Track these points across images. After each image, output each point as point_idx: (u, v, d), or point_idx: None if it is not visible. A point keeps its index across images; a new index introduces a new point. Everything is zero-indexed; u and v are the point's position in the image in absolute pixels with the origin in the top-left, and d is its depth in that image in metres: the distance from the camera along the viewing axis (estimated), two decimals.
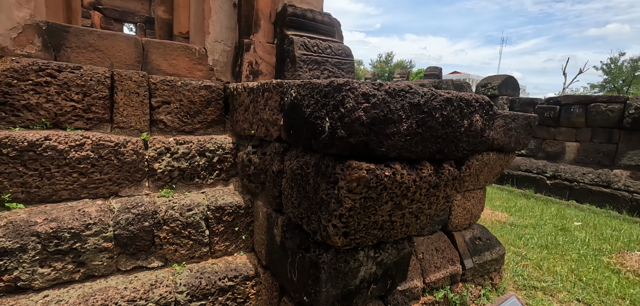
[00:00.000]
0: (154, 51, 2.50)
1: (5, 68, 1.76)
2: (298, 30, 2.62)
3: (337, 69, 2.71)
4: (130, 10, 12.50)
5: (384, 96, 1.18)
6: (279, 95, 1.72)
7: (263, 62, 2.70)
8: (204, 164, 2.27)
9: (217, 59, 2.78)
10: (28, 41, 2.06)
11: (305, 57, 2.52)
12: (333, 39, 2.82)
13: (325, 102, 1.30)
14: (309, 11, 2.66)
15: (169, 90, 2.28)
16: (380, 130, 1.20)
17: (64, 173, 1.80)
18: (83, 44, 2.23)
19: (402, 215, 1.52)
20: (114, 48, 2.34)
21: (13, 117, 1.79)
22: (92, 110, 2.01)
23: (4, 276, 1.44)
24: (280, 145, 1.79)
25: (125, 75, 2.12)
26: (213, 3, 2.69)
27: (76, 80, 1.94)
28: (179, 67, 2.61)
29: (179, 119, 2.34)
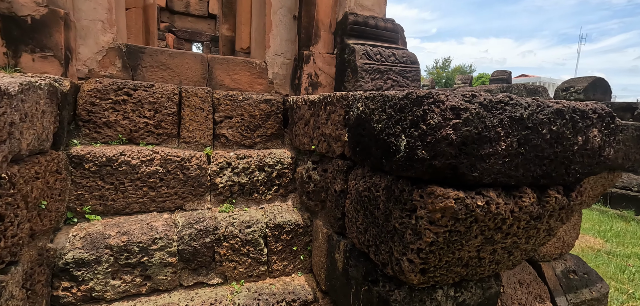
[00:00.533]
0: (217, 67, 2.57)
1: (90, 88, 1.90)
2: (360, 39, 2.48)
3: (402, 77, 2.50)
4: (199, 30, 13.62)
5: (478, 110, 0.97)
6: (343, 109, 1.58)
7: (323, 74, 2.60)
8: (263, 179, 2.22)
9: (276, 72, 2.76)
10: (110, 63, 2.24)
11: (368, 67, 2.36)
12: (397, 46, 2.63)
13: (400, 117, 1.13)
14: (371, 18, 2.51)
15: (231, 105, 2.29)
16: (472, 151, 0.98)
17: (135, 186, 1.87)
18: (156, 63, 2.37)
19: (492, 250, 1.26)
20: (183, 65, 2.45)
21: (95, 133, 1.93)
22: (161, 125, 2.09)
23: (81, 287, 1.52)
24: (343, 162, 1.64)
25: (192, 91, 2.18)
26: (273, 17, 2.69)
27: (149, 98, 2.04)
28: (241, 82, 2.65)
29: (240, 133, 2.34)
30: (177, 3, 12.48)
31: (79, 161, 1.73)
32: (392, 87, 2.46)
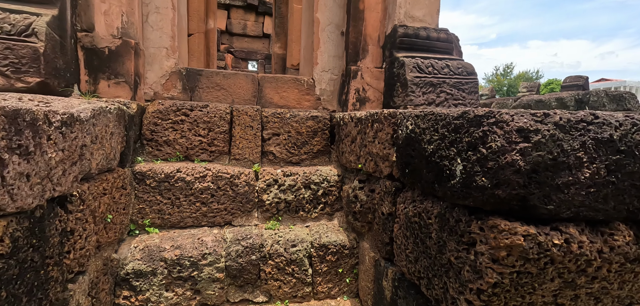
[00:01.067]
0: (267, 85, 2.64)
1: (153, 110, 2.08)
2: (410, 52, 2.36)
3: (457, 90, 2.31)
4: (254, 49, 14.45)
5: (552, 131, 0.82)
6: (391, 127, 1.49)
7: (370, 88, 2.53)
8: (309, 197, 2.20)
9: (324, 88, 2.75)
10: (172, 85, 2.43)
11: (418, 80, 2.23)
12: (451, 57, 2.45)
13: (455, 138, 1.01)
14: (422, 29, 2.38)
15: (279, 122, 2.33)
16: (546, 179, 0.83)
17: (189, 202, 1.98)
18: (212, 84, 2.51)
19: (574, 296, 1.05)
20: (235, 85, 2.56)
21: (157, 151, 2.09)
22: (214, 143, 2.20)
23: (138, 297, 1.62)
24: (391, 184, 1.54)
25: (242, 110, 2.26)
26: (321, 34, 2.70)
27: (203, 117, 2.16)
28: (289, 99, 2.69)
29: (287, 150, 2.36)
30: (236, 26, 13.41)
31: (142, 177, 1.88)
32: (445, 101, 2.28)
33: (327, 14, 2.70)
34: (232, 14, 13.35)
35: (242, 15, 13.39)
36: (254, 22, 13.77)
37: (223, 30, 13.27)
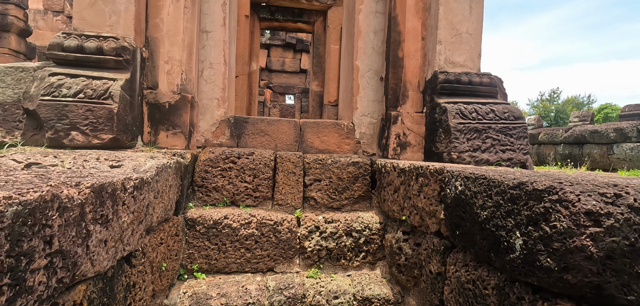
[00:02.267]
0: (308, 130, 2.73)
1: (205, 158, 2.23)
2: (451, 97, 2.33)
3: (503, 135, 2.22)
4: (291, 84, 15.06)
5: (627, 215, 0.76)
6: (437, 184, 1.46)
7: (411, 133, 2.51)
8: (351, 245, 2.18)
9: (363, 132, 2.78)
10: (221, 133, 2.60)
11: (462, 126, 2.18)
12: (495, 101, 2.38)
13: (512, 208, 0.96)
14: (463, 74, 2.35)
15: (320, 168, 2.37)
16: (624, 267, 0.76)
17: (234, 247, 2.05)
18: (256, 131, 2.65)
19: None
20: (278, 131, 2.68)
21: (206, 196, 2.22)
22: (259, 189, 2.29)
23: None
24: (439, 242, 1.49)
25: (285, 156, 2.34)
26: (361, 80, 2.77)
27: (249, 165, 2.27)
28: (329, 143, 2.74)
29: (328, 196, 2.38)
30: (275, 63, 14.13)
31: (193, 223, 1.99)
32: (492, 147, 2.19)
33: (366, 61, 2.77)
34: (271, 52, 14.13)
35: (281, 53, 14.12)
36: (292, 58, 14.43)
37: (263, 68, 14.03)
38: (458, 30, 2.36)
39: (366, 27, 2.73)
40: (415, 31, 2.48)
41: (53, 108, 1.77)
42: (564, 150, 9.15)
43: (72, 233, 0.81)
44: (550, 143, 9.71)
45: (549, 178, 1.00)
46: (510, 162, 2.18)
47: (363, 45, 2.75)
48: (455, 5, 2.33)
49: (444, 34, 2.35)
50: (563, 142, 9.23)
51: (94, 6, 2.01)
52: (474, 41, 2.40)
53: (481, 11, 2.38)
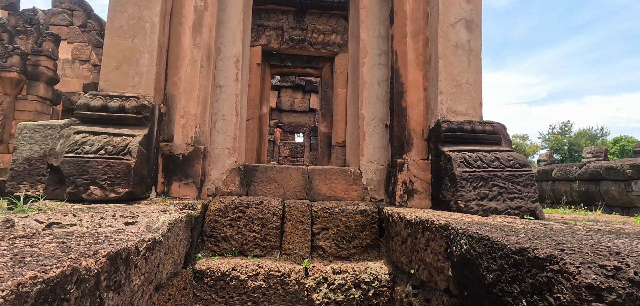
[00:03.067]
0: (316, 177, 2.78)
1: (215, 208, 2.28)
2: (455, 145, 2.37)
3: (510, 183, 2.22)
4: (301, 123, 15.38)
5: (629, 290, 0.76)
6: (443, 240, 1.47)
7: (418, 180, 2.53)
8: (360, 298, 2.14)
9: (370, 178, 2.82)
10: (231, 181, 2.68)
11: (467, 175, 2.20)
12: (499, 148, 2.40)
13: (516, 274, 0.97)
14: (466, 123, 2.40)
15: (328, 216, 2.40)
16: None
17: (242, 301, 2.04)
18: (266, 178, 2.72)
19: None
20: (287, 179, 2.74)
21: (215, 246, 2.25)
22: (267, 238, 2.31)
23: None
24: (449, 300, 1.46)
25: (293, 206, 2.38)
26: (366, 128, 2.85)
27: (258, 214, 2.31)
28: (337, 189, 2.78)
29: (336, 245, 2.38)
30: (285, 103, 14.55)
31: (201, 276, 2.01)
32: (499, 195, 2.19)
33: (371, 109, 2.87)
34: (281, 93, 14.60)
35: (291, 94, 14.57)
36: (301, 99, 14.85)
37: (273, 108, 14.44)
38: (458, 82, 2.45)
39: (370, 78, 2.85)
40: (417, 82, 2.58)
41: (75, 164, 1.89)
42: (579, 187, 8.90)
43: (86, 304, 0.85)
44: (565, 179, 9.48)
45: (550, 243, 1.01)
46: (519, 210, 2.17)
47: (368, 95, 2.86)
48: (454, 59, 2.44)
49: (444, 85, 2.44)
50: (578, 179, 9.00)
51: (119, 69, 2.19)
52: (475, 91, 2.47)
53: (479, 64, 2.48)
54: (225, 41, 2.74)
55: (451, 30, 2.46)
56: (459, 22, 2.47)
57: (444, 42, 2.44)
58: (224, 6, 2.74)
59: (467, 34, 2.48)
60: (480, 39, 2.50)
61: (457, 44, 2.46)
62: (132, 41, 2.21)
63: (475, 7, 2.50)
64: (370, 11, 2.90)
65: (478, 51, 2.50)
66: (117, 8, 2.22)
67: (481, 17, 2.50)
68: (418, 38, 2.61)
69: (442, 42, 2.44)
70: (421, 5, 2.62)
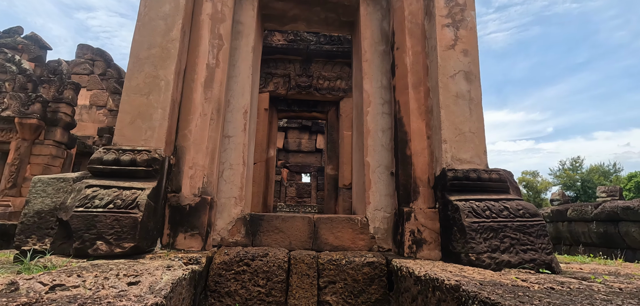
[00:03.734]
0: (322, 226, 2.75)
1: (219, 261, 2.26)
2: (462, 193, 2.35)
3: (522, 234, 2.16)
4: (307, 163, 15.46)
5: None
6: (455, 302, 1.41)
7: (426, 230, 2.48)
8: None
9: (377, 227, 2.77)
10: (237, 231, 2.67)
11: (477, 226, 2.15)
12: (507, 197, 2.37)
13: None
14: (471, 171, 2.39)
15: (335, 269, 2.34)
16: None
17: None
18: (271, 228, 2.70)
19: None
20: (292, 228, 2.72)
21: (218, 302, 2.19)
22: (272, 293, 2.25)
23: None
24: None
25: (299, 258, 2.34)
26: (372, 175, 2.85)
27: (263, 267, 2.27)
28: (343, 238, 2.73)
29: (343, 299, 2.30)
30: (292, 144, 14.75)
31: None
32: (511, 247, 2.12)
33: (376, 157, 2.89)
34: (289, 134, 14.85)
35: (297, 135, 14.80)
36: (308, 139, 15.05)
37: (280, 148, 14.63)
38: (461, 130, 2.47)
39: (374, 126, 2.91)
40: (421, 131, 2.62)
41: (84, 219, 1.92)
42: (597, 228, 8.55)
43: None
44: (581, 220, 9.15)
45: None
46: (533, 263, 2.09)
47: (372, 142, 2.90)
48: (455, 109, 2.48)
49: (447, 134, 2.46)
50: (595, 220, 8.68)
51: (133, 124, 2.29)
52: (478, 139, 2.49)
53: (481, 113, 2.51)
54: (235, 94, 2.86)
55: (451, 82, 2.53)
56: (458, 73, 2.55)
57: (444, 93, 2.50)
58: (234, 62, 2.89)
59: (466, 84, 2.54)
60: (480, 89, 2.56)
61: (457, 94, 2.52)
62: (147, 98, 2.32)
63: (473, 60, 2.58)
64: (372, 63, 3.01)
65: (479, 100, 2.55)
66: (135, 68, 2.36)
67: (479, 69, 2.58)
68: (419, 89, 2.69)
69: (442, 93, 2.50)
70: (421, 58, 2.72)
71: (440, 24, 2.62)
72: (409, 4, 2.79)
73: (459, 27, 2.63)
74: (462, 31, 2.62)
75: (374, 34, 3.09)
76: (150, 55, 2.40)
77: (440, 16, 2.64)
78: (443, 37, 2.59)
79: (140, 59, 2.39)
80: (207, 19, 2.67)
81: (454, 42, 2.60)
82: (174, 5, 2.48)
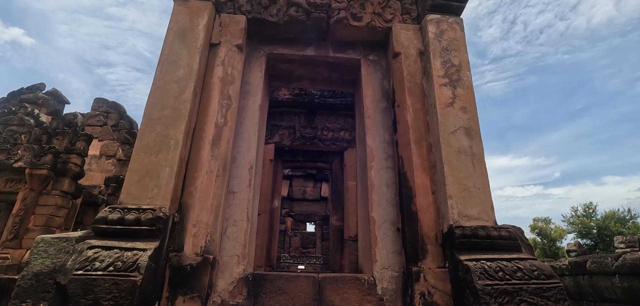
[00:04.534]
0: (327, 286, 2.64)
1: None
2: (471, 252, 2.27)
3: (539, 297, 2.05)
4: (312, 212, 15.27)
5: None
6: None
7: (437, 291, 2.37)
8: None
9: (385, 287, 2.66)
10: (238, 292, 2.57)
11: (490, 289, 2.05)
12: (520, 256, 2.28)
13: None
14: (480, 228, 2.33)
15: None
16: None
17: None
18: (274, 288, 2.60)
19: None
20: (296, 288, 2.61)
21: None
22: None
23: None
24: None
25: None
26: (378, 231, 2.79)
27: None
28: (350, 300, 2.61)
29: None
30: (296, 192, 14.69)
31: None
32: None
33: (381, 212, 2.85)
34: (293, 182, 14.85)
35: (302, 183, 14.79)
36: (312, 188, 15.01)
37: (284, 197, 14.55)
38: (466, 186, 2.45)
39: (379, 181, 2.90)
40: (425, 187, 2.60)
41: (82, 283, 1.87)
42: (621, 282, 8.05)
43: None
44: (602, 273, 8.64)
45: None
46: None
47: (377, 197, 2.88)
48: (458, 164, 2.49)
49: (452, 190, 2.44)
50: (617, 273, 8.21)
51: (141, 182, 2.32)
52: (484, 195, 2.46)
53: (484, 168, 2.51)
54: (241, 150, 2.92)
55: (452, 138, 2.57)
56: (459, 129, 2.59)
57: (446, 149, 2.53)
58: (241, 120, 2.99)
59: (468, 140, 2.57)
60: (482, 144, 2.59)
61: (459, 149, 2.54)
62: (156, 156, 2.38)
63: (472, 116, 2.64)
64: (374, 120, 3.09)
65: (481, 156, 2.56)
66: (147, 128, 2.45)
67: (479, 125, 2.62)
68: (421, 144, 2.72)
69: (445, 149, 2.53)
70: (421, 115, 2.79)
71: (438, 84, 2.71)
72: (407, 65, 2.92)
73: (456, 86, 2.72)
74: (459, 90, 2.71)
75: (375, 92, 3.20)
76: (162, 116, 2.50)
77: (437, 76, 2.75)
78: (441, 96, 2.68)
79: (152, 120, 2.49)
80: (217, 82, 2.81)
81: (453, 100, 2.67)
82: (188, 70, 2.63)
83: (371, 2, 3.14)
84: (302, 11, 3.04)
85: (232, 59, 2.92)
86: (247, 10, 3.08)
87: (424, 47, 2.98)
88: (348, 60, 3.33)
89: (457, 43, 2.88)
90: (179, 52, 2.70)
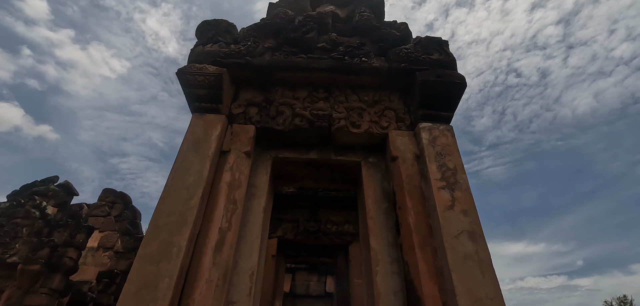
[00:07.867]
0: None
1: None
2: None
3: None
4: None
5: None
6: None
7: None
8: None
9: None
10: None
11: None
12: None
13: None
14: None
15: None
16: None
17: None
18: None
19: None
20: None
21: None
22: None
23: None
24: None
25: None
26: None
27: None
28: None
29: None
30: (299, 287, 13.87)
31: None
32: None
33: None
34: (296, 276, 14.13)
35: (306, 277, 14.06)
36: (317, 281, 14.21)
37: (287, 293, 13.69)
38: (477, 296, 2.36)
39: (385, 288, 2.80)
40: (434, 296, 2.50)
41: None
42: None
43: None
44: None
45: None
46: None
47: None
48: (466, 271, 2.43)
49: (463, 300, 2.34)
50: None
51: (138, 294, 2.27)
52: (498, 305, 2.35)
53: (494, 275, 2.45)
54: (243, 255, 2.90)
55: (456, 242, 2.56)
56: (462, 233, 2.59)
57: (451, 254, 2.50)
58: (245, 223, 3.03)
59: (472, 244, 2.56)
60: (487, 249, 2.56)
61: (465, 255, 2.51)
62: (157, 266, 2.36)
63: (474, 220, 2.66)
64: (377, 220, 3.12)
65: (489, 262, 2.52)
66: (152, 236, 2.49)
67: (482, 229, 2.63)
68: (426, 249, 2.70)
69: (450, 254, 2.50)
70: (423, 218, 2.83)
71: (436, 187, 2.81)
72: (405, 168, 3.07)
73: (454, 188, 2.82)
74: (457, 193, 2.80)
75: (377, 193, 3.29)
76: (168, 223, 2.56)
77: (434, 179, 2.86)
78: (440, 199, 2.75)
79: (158, 226, 2.54)
80: (225, 186, 2.93)
81: (452, 203, 2.74)
82: (198, 176, 2.78)
83: (368, 112, 3.44)
84: (306, 121, 3.33)
85: (240, 165, 3.10)
86: (257, 121, 3.37)
87: (419, 151, 3.17)
88: (349, 163, 3.51)
89: (450, 148, 3.07)
90: (191, 160, 2.88)
